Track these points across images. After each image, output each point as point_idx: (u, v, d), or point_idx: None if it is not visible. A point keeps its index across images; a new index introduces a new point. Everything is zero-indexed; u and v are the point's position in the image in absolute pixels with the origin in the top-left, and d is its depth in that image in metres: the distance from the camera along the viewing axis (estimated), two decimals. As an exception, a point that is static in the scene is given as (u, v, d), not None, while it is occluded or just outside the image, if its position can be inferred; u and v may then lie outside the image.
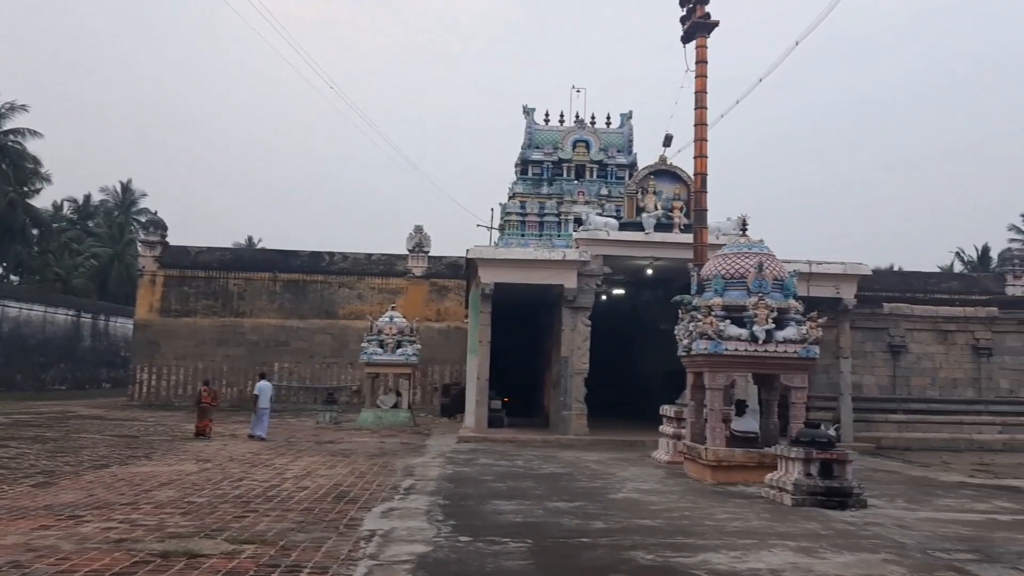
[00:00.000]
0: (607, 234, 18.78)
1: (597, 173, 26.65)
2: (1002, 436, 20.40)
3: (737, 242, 13.34)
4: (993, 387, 20.98)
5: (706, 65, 15.48)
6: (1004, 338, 21.20)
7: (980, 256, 48.53)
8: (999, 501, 10.96)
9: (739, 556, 6.85)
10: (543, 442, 17.60)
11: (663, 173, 19.64)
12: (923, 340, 21.05)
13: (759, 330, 11.96)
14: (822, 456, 9.93)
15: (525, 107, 27.70)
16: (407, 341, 23.13)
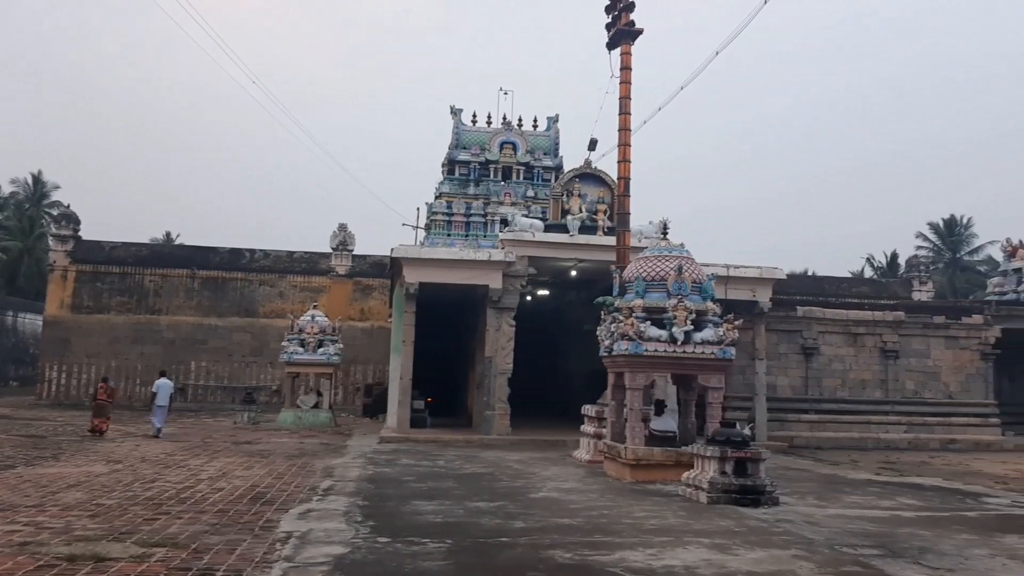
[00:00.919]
0: (532, 235, 18.91)
1: (524, 175, 26.80)
2: (907, 435, 21.35)
3: (658, 245, 13.60)
4: (899, 388, 21.94)
5: (630, 72, 15.73)
6: (910, 341, 22.18)
7: (889, 262, 50.62)
8: (903, 498, 11.41)
9: (655, 554, 6.97)
10: (466, 442, 17.60)
11: (588, 176, 19.88)
12: (834, 342, 21.86)
13: (678, 331, 12.22)
14: (737, 455, 10.20)
15: (452, 107, 27.67)
16: (329, 340, 22.82)
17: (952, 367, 22.22)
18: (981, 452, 20.48)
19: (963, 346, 22.34)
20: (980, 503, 11.20)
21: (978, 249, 48.29)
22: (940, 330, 22.31)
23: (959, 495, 12.01)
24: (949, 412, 21.91)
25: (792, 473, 14.15)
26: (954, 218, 49.28)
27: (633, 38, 15.86)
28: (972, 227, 48.90)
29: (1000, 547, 7.80)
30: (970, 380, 22.27)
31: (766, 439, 18.92)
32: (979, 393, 22.27)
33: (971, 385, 22.26)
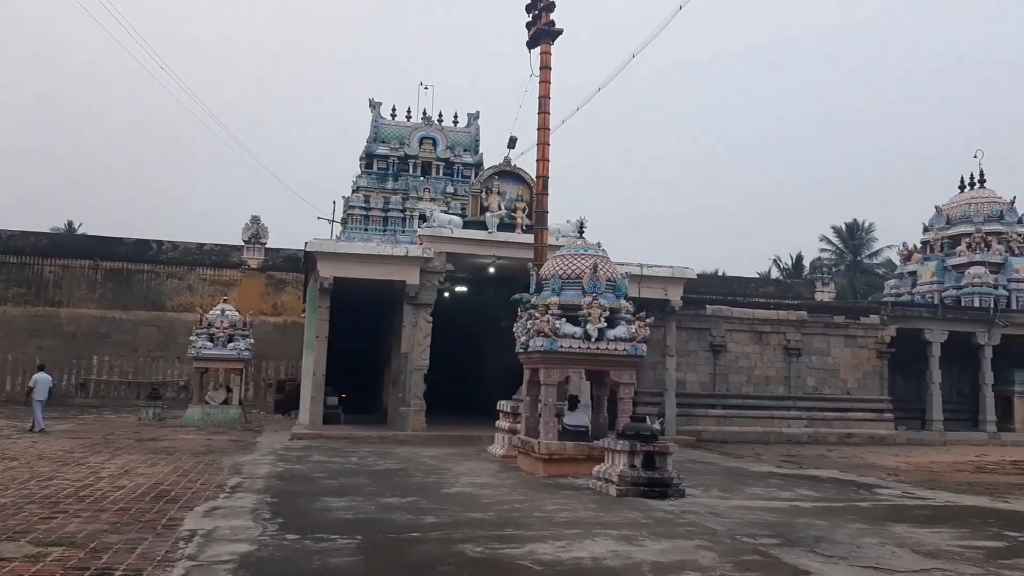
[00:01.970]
0: (451, 232, 18.91)
1: (443, 171, 26.77)
2: (807, 429, 22.28)
3: (574, 244, 13.81)
4: (801, 384, 22.87)
5: (550, 71, 15.92)
6: (812, 340, 23.14)
7: (794, 264, 52.56)
8: (802, 489, 11.87)
9: (564, 546, 7.10)
10: (380, 438, 17.49)
11: (507, 174, 20.01)
12: (741, 340, 22.62)
13: (592, 329, 12.42)
14: (645, 449, 10.46)
15: (371, 101, 27.42)
16: (240, 335, 22.30)
17: (850, 365, 23.29)
18: (876, 445, 21.55)
19: (861, 345, 23.43)
20: (873, 494, 11.73)
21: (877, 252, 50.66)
22: (840, 329, 23.35)
23: (854, 486, 12.57)
24: (847, 408, 22.98)
25: (699, 466, 14.58)
26: (856, 222, 51.54)
27: (553, 38, 16.04)
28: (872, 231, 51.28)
29: (890, 536, 8.18)
30: (867, 377, 23.39)
31: (675, 433, 19.44)
32: (875, 390, 23.41)
33: (868, 382, 23.38)
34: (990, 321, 24.29)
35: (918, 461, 17.42)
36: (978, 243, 27.81)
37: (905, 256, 31.44)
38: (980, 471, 15.72)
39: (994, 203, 28.91)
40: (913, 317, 24.16)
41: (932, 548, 7.57)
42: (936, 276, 28.44)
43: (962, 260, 27.80)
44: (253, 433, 18.90)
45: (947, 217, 29.59)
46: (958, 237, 28.54)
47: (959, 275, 27.62)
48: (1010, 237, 28.08)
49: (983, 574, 6.55)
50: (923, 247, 30.27)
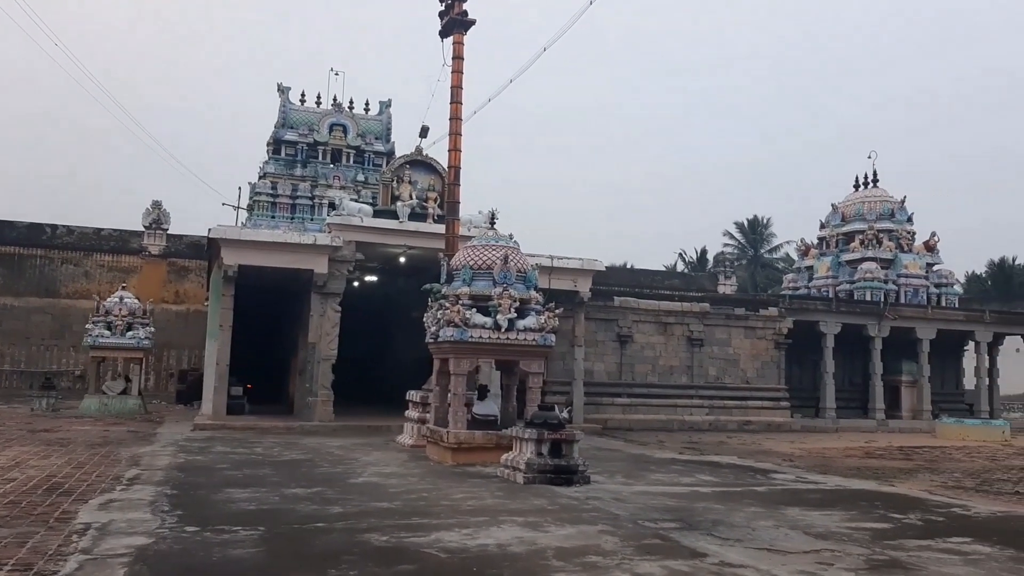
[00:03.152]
0: (361, 220, 18.69)
1: (354, 159, 26.39)
2: (709, 417, 23.03)
3: (486, 235, 13.88)
4: (703, 374, 23.62)
5: (462, 62, 15.88)
6: (714, 331, 23.92)
7: (699, 257, 54.17)
8: (702, 475, 12.25)
9: (471, 533, 7.16)
10: (286, 429, 17.19)
11: (419, 163, 19.87)
12: (647, 331, 23.19)
13: (502, 319, 12.52)
14: (553, 437, 10.62)
15: (280, 85, 26.78)
16: (139, 323, 21.53)
17: (750, 355, 24.19)
18: (773, 432, 22.45)
19: (760, 336, 24.36)
20: (769, 479, 12.19)
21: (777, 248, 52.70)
22: (740, 321, 24.21)
23: (751, 472, 13.04)
24: (746, 396, 23.87)
25: (604, 453, 14.90)
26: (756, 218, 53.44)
27: (466, 28, 16.00)
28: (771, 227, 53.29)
29: (783, 518, 8.51)
30: (765, 367, 24.34)
31: (583, 422, 19.80)
32: (772, 379, 24.40)
33: (766, 372, 24.34)
34: (880, 314, 25.62)
35: (812, 447, 18.22)
36: (870, 240, 29.20)
37: (803, 251, 32.78)
38: (869, 456, 16.55)
39: (886, 202, 30.40)
40: (809, 310, 25.25)
41: (823, 530, 7.91)
42: (831, 271, 29.74)
43: (855, 256, 29.14)
44: (153, 424, 18.30)
45: (842, 215, 30.95)
46: (852, 234, 29.90)
47: (852, 270, 28.96)
48: (900, 235, 29.60)
49: (869, 554, 6.89)
50: (820, 243, 31.61)
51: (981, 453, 17.61)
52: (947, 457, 16.70)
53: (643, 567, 6.11)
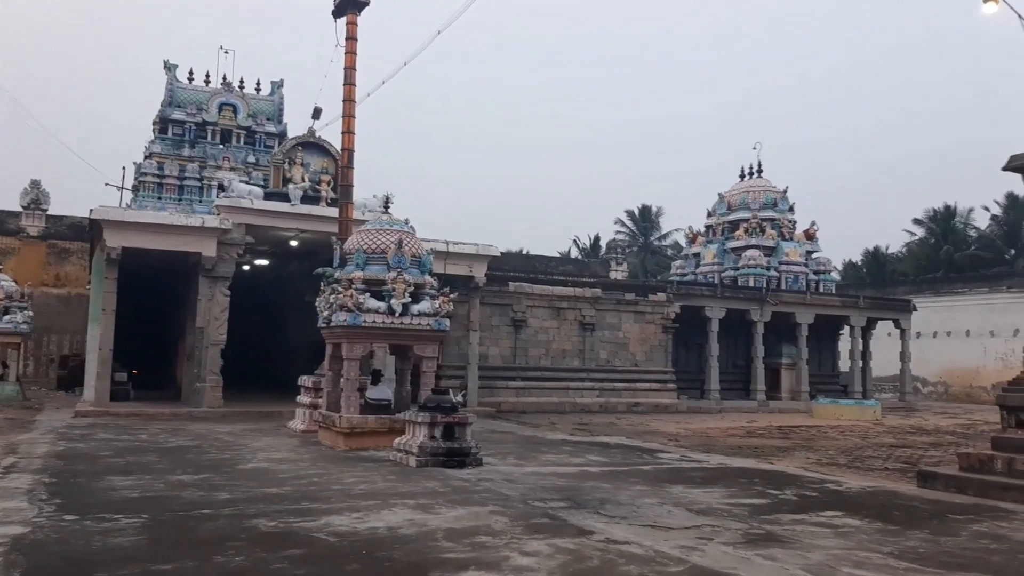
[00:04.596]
0: (251, 203, 18.20)
1: (245, 140, 25.60)
2: (599, 399, 23.62)
3: (380, 219, 13.75)
4: (594, 357, 24.19)
5: (356, 42, 15.66)
6: (604, 315, 24.51)
7: (592, 244, 55.21)
8: (591, 455, 12.54)
9: (361, 517, 7.15)
10: (173, 415, 16.65)
11: (312, 145, 19.48)
12: (540, 316, 23.56)
13: (396, 304, 12.46)
14: (446, 420, 10.68)
15: (166, 63, 25.68)
16: (17, 307, 20.36)
17: (639, 339, 24.92)
18: (660, 413, 23.20)
19: (649, 320, 25.12)
20: (655, 458, 12.58)
21: (667, 235, 54.28)
22: (630, 306, 24.90)
23: (638, 451, 13.43)
24: (635, 379, 24.60)
25: (498, 436, 15.08)
26: (647, 207, 54.84)
27: (360, 8, 15.77)
28: (662, 215, 54.84)
29: (668, 496, 8.81)
30: (653, 350, 25.14)
31: (477, 405, 19.99)
32: (660, 362, 25.22)
33: (654, 355, 25.14)
34: (762, 300, 26.83)
35: (696, 427, 18.94)
36: (754, 228, 30.49)
37: (690, 239, 33.94)
38: (750, 436, 17.31)
39: (769, 192, 31.78)
40: (695, 295, 26.19)
41: (704, 506, 8.25)
42: (717, 258, 30.92)
43: (740, 244, 30.38)
44: (32, 411, 17.42)
45: (728, 204, 32.18)
46: (737, 222, 31.13)
47: (737, 257, 30.19)
48: (782, 223, 31.03)
49: (746, 528, 7.23)
50: (707, 231, 32.78)
51: (854, 431, 18.69)
52: (822, 436, 17.65)
53: (531, 546, 6.25)
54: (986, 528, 7.48)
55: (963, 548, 6.68)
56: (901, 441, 16.68)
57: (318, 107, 19.25)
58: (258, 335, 25.94)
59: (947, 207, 46.17)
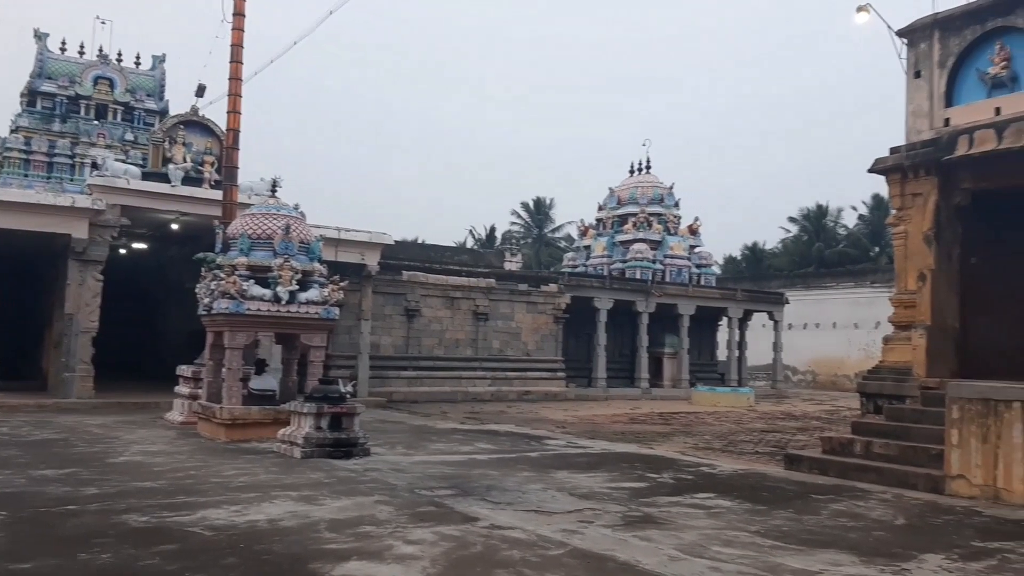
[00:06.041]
0: (127, 183, 17.31)
1: (122, 116, 24.39)
2: (491, 388, 23.79)
3: (267, 203, 13.35)
4: (487, 347, 24.33)
5: (243, 18, 15.11)
6: (498, 305, 24.68)
7: (488, 235, 55.45)
8: (480, 443, 12.63)
9: (240, 510, 6.96)
10: (39, 407, 15.70)
11: (195, 124, 18.69)
12: (434, 305, 23.49)
13: (283, 291, 12.16)
14: (333, 410, 10.51)
15: (37, 31, 24.14)
16: None
17: (531, 328, 25.23)
18: (549, 401, 23.60)
19: (541, 311, 25.47)
20: (542, 445, 12.80)
21: (560, 227, 55.05)
22: (523, 296, 25.17)
23: (526, 439, 13.62)
24: (526, 368, 24.90)
25: (387, 425, 14.97)
26: (541, 199, 55.48)
27: (248, -17, 15.24)
28: (555, 208, 55.60)
29: (552, 481, 9.00)
30: (544, 340, 25.50)
31: (367, 395, 19.76)
32: (551, 351, 25.62)
33: (545, 344, 25.51)
34: (648, 291, 27.64)
35: (583, 414, 19.36)
36: (642, 223, 31.38)
37: (582, 231, 34.63)
38: (633, 422, 17.84)
39: (657, 187, 32.75)
40: (585, 286, 26.74)
41: (587, 491, 8.47)
42: (606, 251, 31.68)
43: (628, 237, 31.21)
44: None
45: (618, 198, 32.97)
46: (626, 216, 31.95)
47: (625, 250, 31.01)
48: (668, 218, 32.05)
49: (625, 511, 7.47)
50: (597, 224, 33.50)
51: (729, 417, 19.54)
52: (700, 421, 18.37)
53: (416, 534, 6.25)
54: (845, 507, 7.97)
55: (823, 526, 7.10)
56: (772, 426, 17.56)
57: (202, 84, 18.55)
58: (135, 323, 24.81)
59: (819, 207, 49.00)
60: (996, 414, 8.42)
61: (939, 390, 9.52)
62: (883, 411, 10.61)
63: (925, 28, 11.03)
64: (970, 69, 10.56)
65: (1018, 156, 9.41)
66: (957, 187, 10.34)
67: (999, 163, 9.74)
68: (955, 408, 8.78)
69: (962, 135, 10.02)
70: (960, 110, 10.58)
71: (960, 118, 10.50)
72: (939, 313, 10.38)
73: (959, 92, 10.66)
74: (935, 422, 9.27)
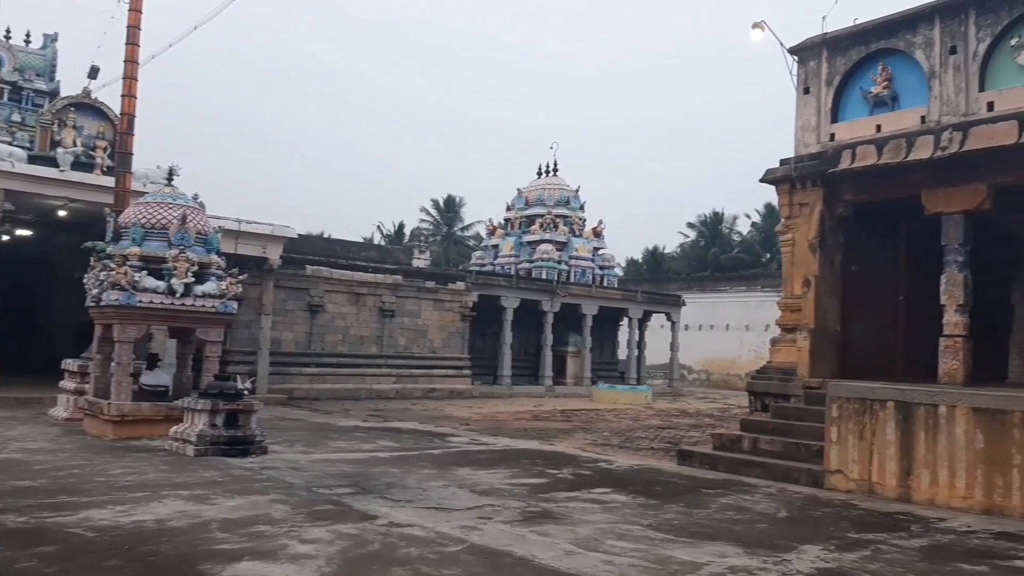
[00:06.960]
0: (11, 166, 16.39)
1: (9, 96, 22.93)
2: (396, 385, 23.64)
3: (162, 191, 12.92)
4: (393, 344, 24.16)
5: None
6: (405, 302, 24.54)
7: (397, 231, 54.98)
8: (383, 441, 12.57)
9: (126, 510, 6.73)
10: (-94, 404, 14.73)
11: (87, 107, 17.89)
12: (339, 301, 23.16)
13: (177, 284, 11.81)
14: (228, 407, 10.26)
15: (-89, 0, 22.48)
16: None
17: (438, 326, 25.20)
18: (455, 399, 23.64)
19: (448, 308, 25.46)
20: (445, 442, 12.85)
21: (469, 226, 55.07)
22: (431, 294, 25.11)
23: (430, 436, 13.64)
24: (432, 365, 24.86)
25: (287, 423, 14.71)
26: (451, 197, 55.39)
27: (146, -37, 14.67)
28: (465, 206, 55.60)
29: (454, 478, 9.06)
30: (451, 337, 25.52)
31: (267, 392, 19.34)
32: (457, 348, 25.65)
33: (451, 342, 25.52)
34: (553, 291, 28.02)
35: (488, 411, 19.49)
36: (548, 224, 31.79)
37: (490, 231, 34.79)
38: (536, 419, 18.07)
39: (563, 190, 33.22)
40: (493, 285, 26.89)
41: (487, 487, 8.56)
42: (514, 250, 31.94)
43: (535, 237, 31.56)
44: None
45: (526, 199, 33.29)
46: (534, 217, 32.30)
47: (532, 250, 31.34)
48: (573, 220, 32.57)
49: (524, 507, 7.60)
50: (506, 224, 33.73)
51: (627, 414, 20.04)
52: (600, 418, 18.77)
53: (312, 533, 6.19)
54: (732, 501, 8.33)
55: (712, 519, 7.40)
56: (667, 423, 18.12)
57: (95, 66, 17.76)
58: (18, 313, 23.50)
59: (716, 213, 50.93)
60: (872, 412, 8.95)
61: (821, 389, 10.03)
62: (770, 409, 11.12)
63: (814, 47, 11.61)
64: (855, 87, 11.17)
65: (895, 171, 10.01)
66: (840, 199, 10.92)
67: (878, 177, 10.34)
68: (834, 407, 9.28)
69: (846, 150, 10.59)
70: (845, 126, 11.18)
71: (844, 133, 11.10)
72: (822, 317, 10.93)
73: (844, 109, 11.27)
74: (817, 420, 9.77)
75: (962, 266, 9.58)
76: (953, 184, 9.54)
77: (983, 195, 9.38)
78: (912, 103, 10.51)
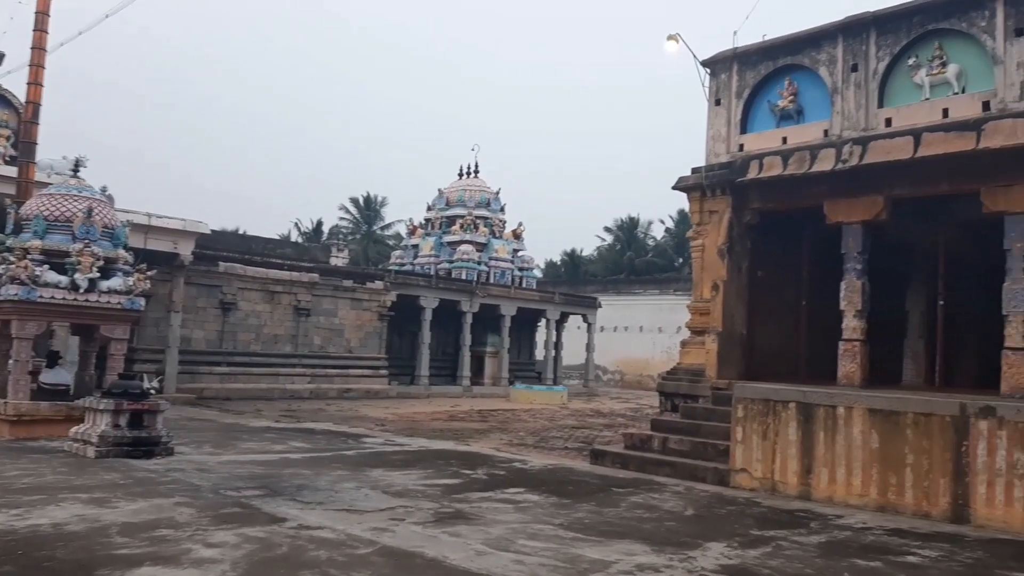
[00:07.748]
0: (-99, 152, 15.52)
1: (-100, 77, 21.70)
2: (311, 385, 23.27)
3: (67, 183, 12.44)
4: (308, 343, 23.79)
5: (49, -16, 13.98)
6: (321, 301, 24.20)
7: (315, 229, 54.11)
8: (295, 442, 12.36)
9: (21, 513, 6.47)
10: None
11: (-11, 94, 17.04)
12: (253, 299, 22.67)
13: (81, 279, 11.41)
14: (133, 407, 9.95)
15: None
16: None
17: (355, 325, 24.94)
18: (371, 399, 23.41)
19: (365, 308, 25.23)
20: (359, 443, 12.74)
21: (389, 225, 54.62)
22: (348, 293, 24.83)
23: (343, 437, 13.49)
24: (348, 365, 24.58)
25: (195, 424, 14.33)
26: (370, 196, 54.81)
27: (54, -54, 14.09)
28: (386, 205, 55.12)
29: (367, 480, 8.99)
30: (368, 337, 25.29)
31: (175, 391, 18.81)
32: (374, 348, 25.44)
33: (368, 341, 25.29)
34: (472, 292, 28.07)
35: (404, 412, 19.39)
36: (469, 225, 31.84)
37: (411, 230, 34.64)
38: (452, 419, 18.09)
39: (484, 191, 33.34)
40: (412, 285, 26.77)
41: (400, 488, 8.53)
42: (434, 250, 31.87)
43: (456, 238, 31.58)
44: None
45: (447, 199, 33.26)
46: (454, 218, 32.30)
47: (452, 251, 31.34)
48: (494, 222, 32.73)
49: (437, 508, 7.61)
50: (426, 224, 33.63)
51: (543, 414, 20.25)
52: (516, 418, 18.92)
53: (217, 536, 6.07)
54: (642, 499, 8.54)
55: (621, 518, 7.57)
56: (581, 423, 18.41)
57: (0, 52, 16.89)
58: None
59: (631, 218, 52.02)
60: (775, 413, 9.31)
61: (727, 390, 10.38)
62: (679, 409, 11.44)
63: (726, 60, 12.01)
64: (763, 100, 11.60)
65: (800, 182, 10.44)
66: (748, 207, 11.33)
67: (783, 187, 10.77)
68: (740, 407, 9.62)
69: (753, 160, 10.99)
70: (753, 137, 11.60)
71: (753, 144, 11.52)
72: (729, 320, 11.31)
73: (753, 121, 11.70)
74: (723, 420, 10.10)
75: (860, 273, 10.05)
76: (853, 195, 10.01)
77: (881, 206, 9.86)
78: (816, 117, 10.98)
